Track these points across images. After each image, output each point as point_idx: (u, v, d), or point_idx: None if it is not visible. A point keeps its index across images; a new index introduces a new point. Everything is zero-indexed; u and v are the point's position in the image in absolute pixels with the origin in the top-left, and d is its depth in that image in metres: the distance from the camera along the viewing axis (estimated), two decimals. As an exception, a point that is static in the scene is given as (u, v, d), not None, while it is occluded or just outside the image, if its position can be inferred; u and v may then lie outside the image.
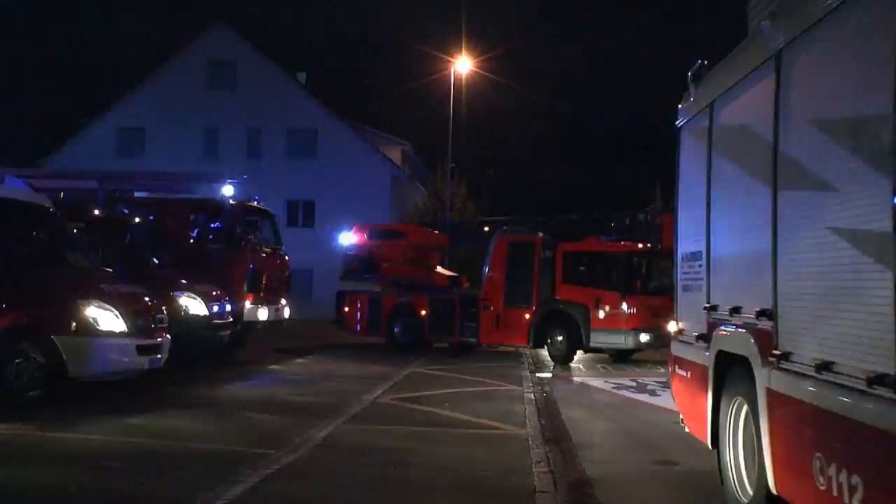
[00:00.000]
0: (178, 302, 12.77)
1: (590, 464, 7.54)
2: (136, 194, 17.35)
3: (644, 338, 16.85)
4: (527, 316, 18.03)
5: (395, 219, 37.44)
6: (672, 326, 7.22)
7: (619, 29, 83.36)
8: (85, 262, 10.83)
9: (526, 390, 12.38)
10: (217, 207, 15.69)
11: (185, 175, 18.99)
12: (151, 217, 15.58)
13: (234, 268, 15.28)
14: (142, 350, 9.91)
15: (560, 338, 17.56)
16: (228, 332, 14.26)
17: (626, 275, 17.47)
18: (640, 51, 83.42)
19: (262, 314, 15.75)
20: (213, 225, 15.77)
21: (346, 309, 20.74)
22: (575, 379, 14.65)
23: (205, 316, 13.33)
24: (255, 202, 16.68)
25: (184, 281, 13.48)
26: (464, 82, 33.26)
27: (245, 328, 15.59)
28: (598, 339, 17.19)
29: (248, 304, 15.34)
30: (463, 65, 32.52)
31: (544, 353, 18.19)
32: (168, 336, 10.65)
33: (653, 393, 12.64)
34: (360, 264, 21.18)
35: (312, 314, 27.43)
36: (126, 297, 10.14)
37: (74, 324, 9.35)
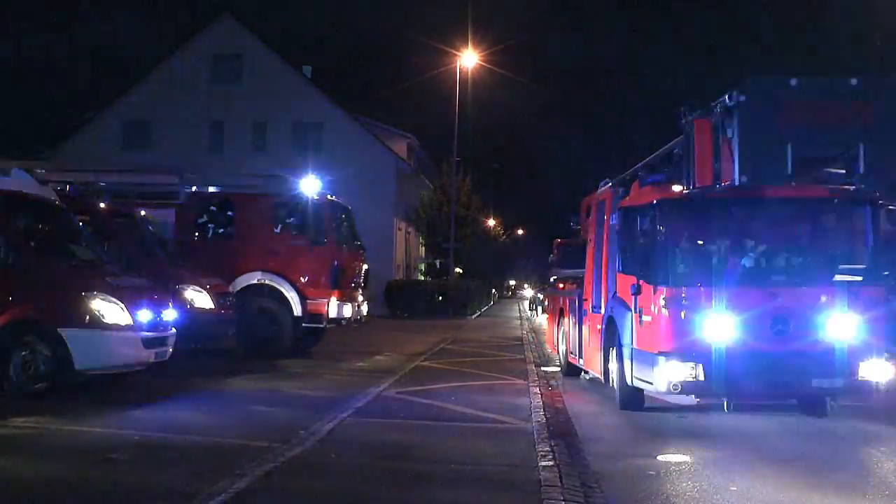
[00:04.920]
0: (183, 295, 12.80)
1: (595, 458, 7.52)
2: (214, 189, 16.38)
3: (677, 374, 8.76)
4: (598, 326, 11.40)
5: (399, 213, 37.43)
6: None
7: (627, 23, 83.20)
8: (91, 255, 10.83)
9: (531, 384, 12.35)
10: (301, 203, 15.27)
11: (271, 175, 17.68)
12: (231, 213, 15.43)
13: (319, 264, 15.11)
14: (148, 343, 9.93)
15: (614, 365, 10.49)
16: (233, 324, 14.21)
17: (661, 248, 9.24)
18: (645, 47, 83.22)
19: (347, 311, 15.53)
20: (295, 221, 15.43)
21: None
22: (580, 373, 14.59)
23: (210, 309, 13.36)
24: (334, 198, 16.17)
25: (189, 274, 13.50)
26: (469, 76, 33.29)
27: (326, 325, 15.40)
28: (637, 373, 9.55)
29: (333, 301, 15.13)
30: (469, 58, 32.50)
31: (547, 348, 16.75)
32: (174, 329, 10.67)
33: (658, 387, 12.57)
34: (563, 252, 15.23)
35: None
36: (132, 290, 10.15)
37: (80, 317, 9.36)
